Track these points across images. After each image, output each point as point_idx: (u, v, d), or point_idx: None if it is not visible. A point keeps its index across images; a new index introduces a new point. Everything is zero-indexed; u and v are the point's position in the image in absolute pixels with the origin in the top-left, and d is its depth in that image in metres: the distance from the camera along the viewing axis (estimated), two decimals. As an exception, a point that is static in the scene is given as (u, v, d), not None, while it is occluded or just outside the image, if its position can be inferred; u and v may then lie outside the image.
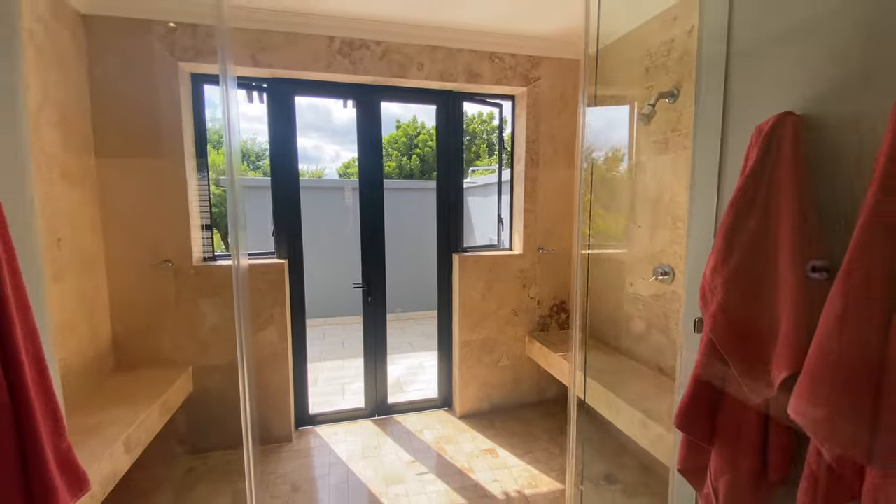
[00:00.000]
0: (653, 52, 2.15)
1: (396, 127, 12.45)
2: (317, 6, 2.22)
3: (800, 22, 0.88)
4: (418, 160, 11.98)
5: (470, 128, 11.04)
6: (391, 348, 3.04)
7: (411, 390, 3.38)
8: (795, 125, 0.84)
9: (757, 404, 0.88)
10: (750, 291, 0.86)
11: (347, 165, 15.60)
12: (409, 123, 12.43)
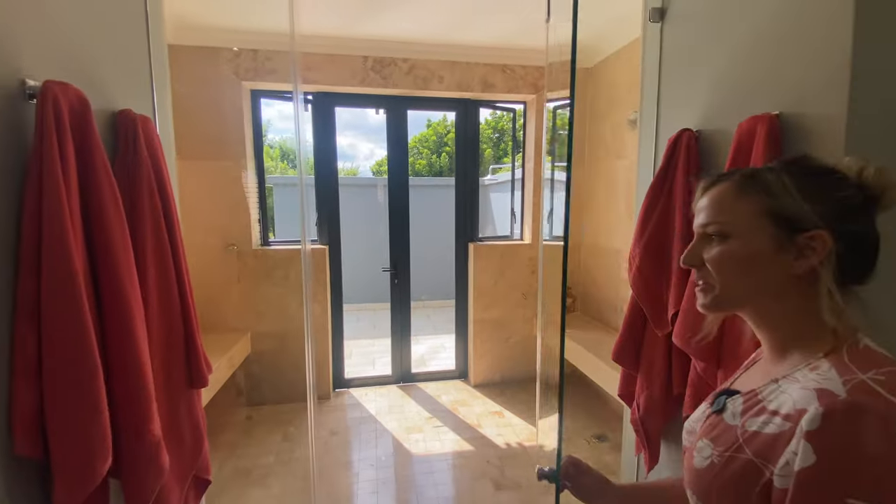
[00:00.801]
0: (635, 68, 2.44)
1: (427, 126, 12.89)
2: (354, 32, 2.64)
3: (693, 59, 1.21)
4: (447, 157, 12.38)
5: (499, 125, 11.36)
6: (416, 330, 3.47)
7: (432, 364, 3.79)
8: (689, 138, 1.16)
9: (662, 339, 1.21)
10: (657, 257, 1.20)
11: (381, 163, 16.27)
12: (438, 122, 12.85)
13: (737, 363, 0.96)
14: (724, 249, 0.56)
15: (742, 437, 0.52)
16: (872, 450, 0.42)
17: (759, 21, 1.02)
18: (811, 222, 0.51)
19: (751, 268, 0.55)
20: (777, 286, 0.54)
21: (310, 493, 2.10)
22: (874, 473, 0.41)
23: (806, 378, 0.49)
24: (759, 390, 0.55)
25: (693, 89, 1.23)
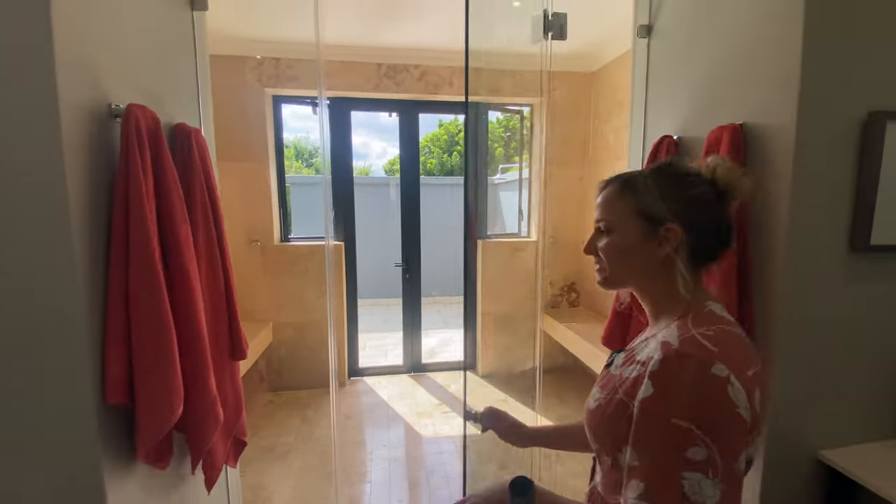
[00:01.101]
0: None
1: (439, 125, 13.04)
2: (370, 41, 2.81)
3: (674, 72, 1.34)
4: (458, 157, 12.51)
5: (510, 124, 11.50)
6: (427, 324, 3.63)
7: (441, 356, 3.96)
8: (669, 144, 1.30)
9: (645, 325, 1.35)
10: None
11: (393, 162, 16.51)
12: (451, 122, 12.98)
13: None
14: (608, 241, 0.70)
15: (619, 383, 0.67)
16: (690, 385, 0.55)
17: (728, 41, 1.16)
18: (667, 218, 0.66)
19: (627, 255, 0.69)
20: (648, 269, 0.69)
21: (329, 467, 2.29)
22: (690, 402, 0.55)
23: (665, 335, 0.63)
24: (634, 347, 0.71)
25: (674, 99, 1.37)
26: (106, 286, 0.85)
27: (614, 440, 0.65)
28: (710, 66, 1.22)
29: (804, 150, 0.97)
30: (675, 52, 1.38)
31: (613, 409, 0.65)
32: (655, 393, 0.57)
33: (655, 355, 0.59)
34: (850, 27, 0.96)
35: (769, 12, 1.03)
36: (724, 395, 0.55)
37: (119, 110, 0.89)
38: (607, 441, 0.67)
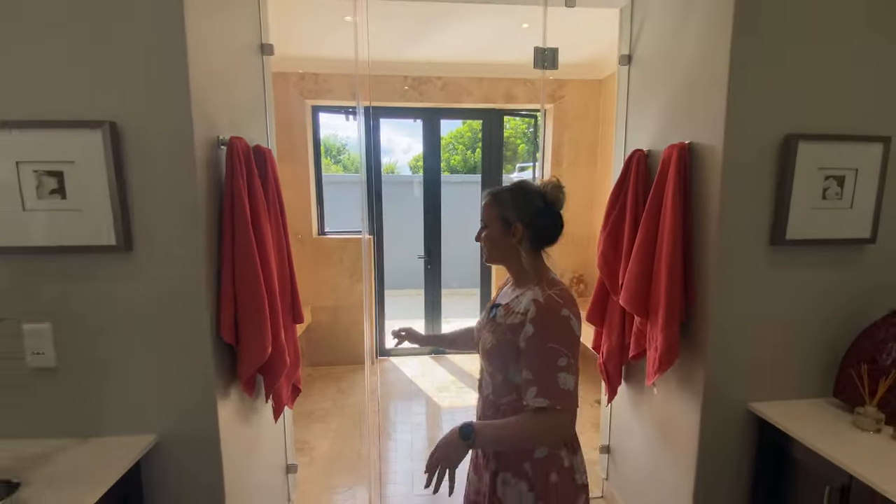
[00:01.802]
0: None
1: (463, 123, 13.32)
2: (397, 57, 3.16)
3: (646, 95, 1.63)
4: (482, 152, 12.75)
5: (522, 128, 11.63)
6: (448, 314, 3.98)
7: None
8: (640, 157, 1.59)
9: (618, 304, 1.65)
10: (614, 243, 1.64)
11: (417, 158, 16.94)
12: (474, 120, 13.25)
13: (655, 319, 1.41)
14: (486, 234, 1.04)
15: (505, 328, 0.99)
16: (554, 322, 0.92)
17: (681, 74, 1.45)
18: (515, 220, 1.00)
19: (495, 244, 1.04)
20: (508, 253, 1.03)
21: (360, 429, 2.68)
22: (556, 331, 0.92)
23: (528, 295, 0.97)
24: (510, 303, 1.02)
25: (646, 118, 1.66)
26: (219, 261, 1.24)
27: (504, 363, 1.00)
28: (669, 93, 1.51)
29: (730, 166, 1.26)
30: (647, 79, 1.67)
31: (504, 345, 0.99)
32: (535, 331, 0.93)
33: (531, 309, 0.94)
34: (770, 68, 1.24)
35: (706, 53, 1.32)
36: (569, 327, 0.93)
37: (224, 141, 1.27)
38: (500, 364, 1.01)
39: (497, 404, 1.03)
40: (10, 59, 1.06)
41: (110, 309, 1.15)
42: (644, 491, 1.75)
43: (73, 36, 1.07)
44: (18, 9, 1.05)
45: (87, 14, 1.06)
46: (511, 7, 2.23)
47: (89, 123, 1.06)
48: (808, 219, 1.30)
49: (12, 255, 1.11)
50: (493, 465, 1.03)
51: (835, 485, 1.13)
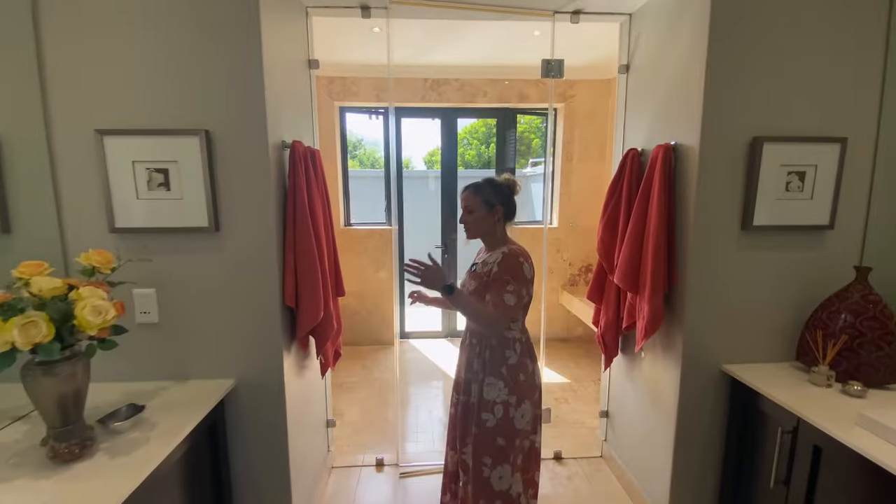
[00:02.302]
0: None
1: (477, 118, 13.51)
2: (418, 61, 3.42)
3: (641, 100, 1.86)
4: (495, 149, 12.93)
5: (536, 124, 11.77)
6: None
7: (475, 327, 4.58)
8: (634, 155, 1.83)
9: (614, 283, 1.90)
10: (611, 229, 1.88)
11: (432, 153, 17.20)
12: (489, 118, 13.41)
13: (643, 292, 1.66)
14: (471, 217, 1.46)
15: (483, 274, 1.41)
16: (510, 263, 1.37)
17: (667, 82, 1.69)
18: (496, 202, 1.44)
19: (480, 223, 1.46)
20: (489, 229, 1.46)
21: (386, 399, 2.99)
22: (509, 268, 1.37)
23: (497, 252, 1.42)
24: (486, 260, 1.44)
25: (640, 121, 1.90)
26: (283, 241, 1.53)
27: (480, 297, 1.41)
28: (658, 99, 1.75)
29: (705, 164, 1.51)
30: (641, 86, 1.91)
31: (481, 286, 1.42)
32: (497, 269, 1.38)
33: (499, 258, 1.39)
34: (740, 80, 1.47)
35: (687, 66, 1.55)
36: (521, 268, 1.38)
37: (287, 144, 1.56)
38: (478, 299, 1.42)
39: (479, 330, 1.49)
40: (131, 83, 1.36)
41: (201, 277, 1.46)
42: (636, 447, 2.00)
43: (178, 66, 1.36)
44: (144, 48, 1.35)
45: (189, 48, 1.36)
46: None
47: (189, 131, 1.36)
48: (773, 208, 1.53)
49: (127, 233, 1.42)
50: (481, 375, 1.46)
51: (786, 427, 1.38)
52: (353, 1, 1.88)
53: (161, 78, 1.37)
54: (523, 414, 1.45)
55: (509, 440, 1.45)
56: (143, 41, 1.35)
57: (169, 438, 1.15)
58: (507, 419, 1.43)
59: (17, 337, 0.96)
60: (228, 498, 1.55)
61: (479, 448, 1.46)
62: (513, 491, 1.47)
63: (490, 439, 1.44)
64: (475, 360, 1.48)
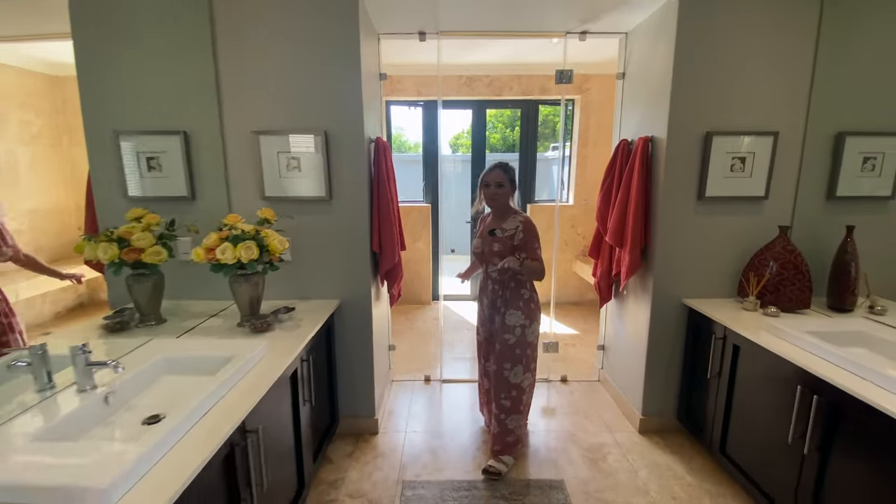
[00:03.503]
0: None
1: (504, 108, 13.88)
2: (455, 61, 4.01)
3: (632, 102, 2.43)
4: (520, 134, 13.32)
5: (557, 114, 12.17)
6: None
7: (499, 293, 5.25)
8: (624, 144, 2.42)
9: (607, 242, 2.51)
10: (605, 200, 2.49)
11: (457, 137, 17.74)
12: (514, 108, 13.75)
13: (626, 246, 2.28)
14: (501, 191, 2.01)
15: (506, 238, 1.99)
16: (533, 228, 2.00)
17: (649, 87, 2.26)
18: (514, 180, 2.06)
19: (506, 197, 2.04)
20: (507, 201, 2.05)
21: (429, 339, 3.71)
22: (532, 232, 1.99)
23: (514, 218, 2.02)
24: (504, 226, 2.02)
25: (631, 118, 2.48)
26: (370, 208, 2.22)
27: (511, 253, 1.97)
28: (643, 102, 2.33)
29: (670, 152, 2.09)
30: (632, 90, 2.48)
31: (507, 246, 1.97)
32: (526, 235, 1.97)
33: (519, 225, 1.98)
34: (697, 88, 2.04)
35: (661, 76, 2.12)
36: (536, 230, 2.00)
37: (372, 139, 2.23)
38: (505, 255, 1.97)
39: (503, 279, 2.04)
40: (278, 100, 2.05)
41: (319, 231, 2.16)
42: (622, 369, 2.64)
43: (306, 87, 2.04)
44: (283, 77, 2.03)
45: (314, 73, 2.03)
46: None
47: (315, 130, 2.05)
48: (721, 184, 2.11)
49: (273, 200, 2.13)
50: (503, 307, 2.03)
51: (719, 335, 2.00)
52: (413, 29, 2.52)
53: (296, 96, 2.05)
54: (533, 330, 2.07)
55: (523, 349, 2.05)
56: (281, 71, 2.03)
57: (311, 326, 1.88)
58: (523, 336, 2.03)
59: (242, 254, 1.68)
60: (335, 372, 2.29)
61: (501, 358, 2.05)
62: (524, 383, 2.09)
63: (511, 351, 2.03)
64: (497, 299, 2.06)
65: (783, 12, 2.00)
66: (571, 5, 2.21)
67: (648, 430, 2.38)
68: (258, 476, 1.28)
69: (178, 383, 1.40)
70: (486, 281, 2.12)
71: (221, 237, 1.73)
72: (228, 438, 1.11)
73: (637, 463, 2.14)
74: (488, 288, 2.11)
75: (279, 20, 2.00)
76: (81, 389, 1.22)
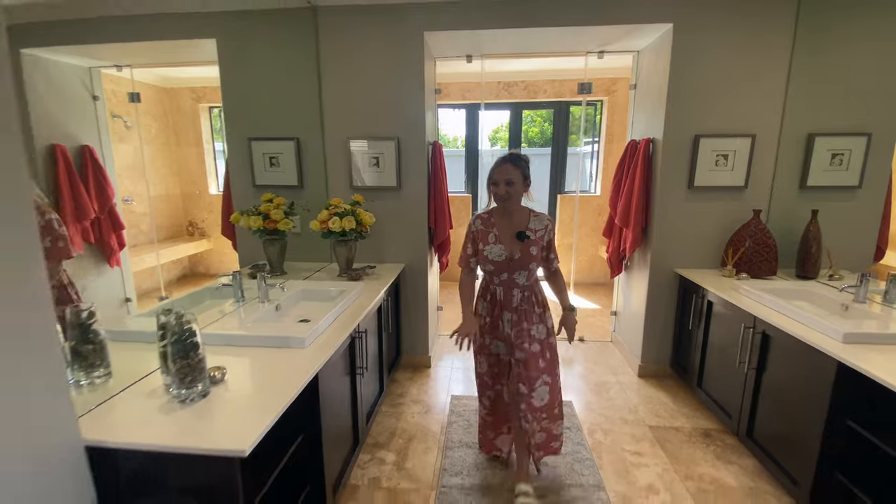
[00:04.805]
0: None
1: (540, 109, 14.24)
2: (495, 69, 4.63)
3: (641, 108, 2.98)
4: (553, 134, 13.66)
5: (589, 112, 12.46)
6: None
7: (532, 274, 5.85)
8: (633, 144, 2.97)
9: (617, 224, 3.08)
10: (616, 190, 3.05)
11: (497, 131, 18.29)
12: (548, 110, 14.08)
13: (630, 226, 2.87)
14: (511, 189, 1.71)
15: (537, 239, 1.77)
16: (553, 227, 1.93)
17: (650, 97, 2.81)
18: (529, 177, 1.78)
19: (518, 193, 1.74)
20: (519, 199, 1.77)
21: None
22: (554, 231, 1.86)
23: (539, 217, 1.79)
24: (531, 226, 1.78)
25: (639, 123, 3.03)
26: (428, 196, 2.92)
27: (540, 257, 1.77)
28: (648, 108, 2.88)
29: (666, 151, 2.65)
30: (640, 99, 3.02)
31: (539, 248, 1.76)
32: (552, 235, 1.81)
33: (548, 224, 1.78)
34: (686, 99, 2.58)
35: (659, 88, 2.67)
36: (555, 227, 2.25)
37: (430, 143, 2.92)
38: (539, 259, 1.77)
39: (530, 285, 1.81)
40: (366, 113, 2.79)
41: (391, 212, 2.89)
42: (628, 328, 3.22)
43: (385, 103, 2.76)
44: (367, 96, 2.76)
45: (392, 92, 2.74)
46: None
47: (390, 136, 2.77)
48: (707, 176, 2.64)
49: (359, 189, 2.87)
50: (535, 320, 1.80)
51: (699, 295, 2.55)
52: (462, 53, 3.18)
53: (376, 110, 2.78)
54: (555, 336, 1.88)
55: (553, 357, 1.85)
56: (366, 91, 2.76)
57: (388, 279, 2.61)
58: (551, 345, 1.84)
59: (346, 225, 2.43)
60: (400, 317, 3.03)
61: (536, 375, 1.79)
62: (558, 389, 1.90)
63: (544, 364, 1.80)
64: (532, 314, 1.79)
65: (759, 35, 2.49)
66: (590, 35, 2.78)
67: (646, 375, 2.96)
68: (363, 361, 2.02)
69: (312, 306, 2.17)
70: (510, 292, 1.79)
71: (330, 213, 2.48)
72: (352, 332, 1.85)
73: (632, 394, 2.74)
74: (514, 300, 1.79)
75: (365, 52, 2.73)
76: (261, 302, 2.00)
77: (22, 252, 0.89)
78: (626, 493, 1.91)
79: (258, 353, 1.55)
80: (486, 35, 2.79)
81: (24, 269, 0.90)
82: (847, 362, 1.51)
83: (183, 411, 1.19)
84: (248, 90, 2.73)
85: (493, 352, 1.91)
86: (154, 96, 2.74)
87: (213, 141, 3.17)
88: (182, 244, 2.98)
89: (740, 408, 2.14)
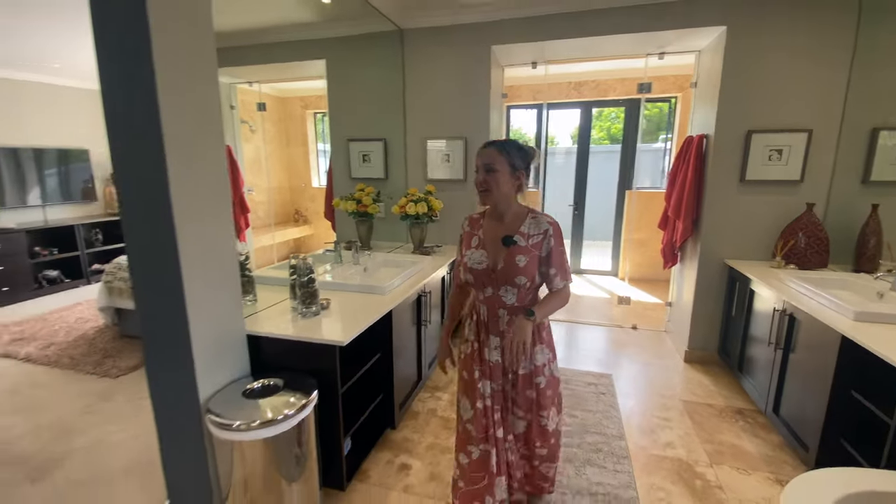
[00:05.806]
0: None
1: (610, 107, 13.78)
2: (564, 71, 4.90)
3: (700, 106, 3.11)
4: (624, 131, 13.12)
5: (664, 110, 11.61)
6: (589, 252, 5.70)
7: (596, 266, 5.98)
8: (689, 140, 3.12)
9: (671, 216, 3.23)
10: (671, 183, 3.21)
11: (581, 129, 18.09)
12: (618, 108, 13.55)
13: (681, 218, 3.05)
14: (494, 176, 1.37)
15: (531, 247, 1.39)
16: (560, 234, 1.43)
17: (705, 96, 2.95)
18: (521, 167, 1.39)
19: (502, 185, 1.37)
20: (509, 193, 1.40)
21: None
22: (561, 240, 1.42)
23: (538, 219, 1.41)
24: (523, 230, 1.40)
25: (698, 119, 3.16)
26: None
27: (535, 269, 1.39)
28: (705, 106, 3.02)
29: (718, 146, 2.79)
30: (699, 97, 3.15)
31: (533, 258, 1.38)
32: (556, 242, 1.40)
33: (549, 229, 1.39)
34: (740, 94, 2.70)
35: (713, 85, 2.81)
36: (563, 233, 1.43)
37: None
38: (532, 272, 1.38)
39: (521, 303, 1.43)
40: (439, 116, 3.31)
41: (456, 201, 3.38)
42: (680, 319, 3.36)
43: (455, 109, 3.25)
44: (442, 105, 3.27)
45: (461, 100, 3.22)
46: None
47: (459, 136, 3.25)
48: (759, 170, 2.73)
49: (434, 181, 3.40)
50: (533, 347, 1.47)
51: (743, 284, 2.67)
52: (527, 61, 3.55)
53: (449, 113, 3.28)
54: (556, 364, 1.56)
55: (554, 389, 1.55)
56: (438, 97, 3.27)
57: (451, 256, 3.09)
58: (551, 374, 1.52)
59: (419, 209, 2.97)
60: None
61: (537, 407, 1.52)
62: (560, 426, 1.61)
63: (544, 395, 1.51)
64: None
65: (819, 35, 2.53)
66: (648, 38, 3.00)
67: (692, 360, 3.10)
68: (427, 315, 2.53)
69: (391, 271, 2.74)
70: (495, 312, 1.46)
71: (408, 199, 3.04)
72: (419, 289, 2.36)
73: (674, 374, 2.92)
74: (501, 322, 1.46)
75: (440, 65, 3.24)
76: (354, 264, 2.60)
77: (227, 224, 1.52)
78: (644, 445, 2.19)
79: (351, 296, 2.12)
80: (549, 44, 3.15)
81: (228, 233, 1.53)
82: (849, 336, 1.67)
83: (303, 321, 1.78)
84: (348, 99, 3.39)
85: (481, 393, 1.49)
86: (273, 105, 3.54)
87: (317, 142, 3.93)
88: (290, 228, 3.77)
89: (768, 386, 2.28)
